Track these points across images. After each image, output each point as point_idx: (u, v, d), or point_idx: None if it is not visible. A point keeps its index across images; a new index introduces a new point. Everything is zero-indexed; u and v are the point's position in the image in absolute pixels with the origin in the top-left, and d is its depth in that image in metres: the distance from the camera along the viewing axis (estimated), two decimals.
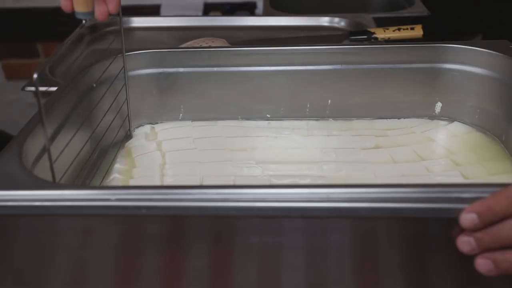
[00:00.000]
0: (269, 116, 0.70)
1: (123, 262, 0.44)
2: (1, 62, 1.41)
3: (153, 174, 0.60)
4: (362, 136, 0.66)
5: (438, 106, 0.69)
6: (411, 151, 0.63)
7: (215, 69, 0.67)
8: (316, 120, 0.70)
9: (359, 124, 0.69)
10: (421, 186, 0.39)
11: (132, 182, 0.59)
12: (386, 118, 0.69)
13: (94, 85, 0.52)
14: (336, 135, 0.67)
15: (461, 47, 0.65)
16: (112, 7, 0.52)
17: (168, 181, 0.59)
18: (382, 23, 0.92)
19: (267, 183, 0.58)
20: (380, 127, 0.68)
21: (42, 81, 0.75)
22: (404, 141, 0.65)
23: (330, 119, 0.70)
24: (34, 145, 0.49)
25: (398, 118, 0.69)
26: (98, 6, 0.51)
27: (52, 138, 0.53)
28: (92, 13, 0.51)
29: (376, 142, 0.65)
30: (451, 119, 0.69)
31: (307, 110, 0.69)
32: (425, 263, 0.42)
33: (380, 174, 0.59)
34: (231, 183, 0.59)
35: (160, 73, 0.67)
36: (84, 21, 0.52)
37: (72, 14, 0.50)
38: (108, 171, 0.62)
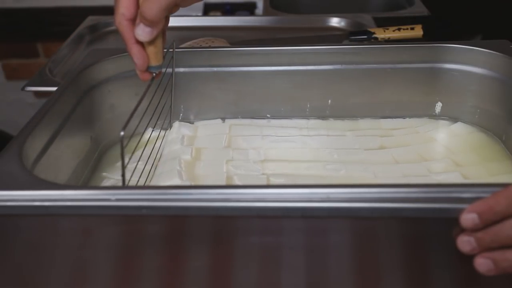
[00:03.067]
0: (269, 116, 0.70)
1: (123, 262, 0.44)
2: (1, 62, 1.41)
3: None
4: (367, 136, 0.66)
5: (438, 106, 0.69)
6: (414, 151, 0.63)
7: (215, 69, 0.67)
8: (324, 119, 0.69)
9: (364, 124, 0.69)
10: (421, 186, 0.39)
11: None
12: (388, 118, 0.69)
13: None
14: (341, 135, 0.66)
15: (461, 47, 0.65)
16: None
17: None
18: (382, 23, 0.92)
19: (266, 182, 0.58)
20: (386, 126, 0.68)
21: (42, 81, 0.75)
22: (408, 141, 0.65)
23: (332, 118, 0.70)
24: (34, 145, 0.49)
25: (403, 118, 0.69)
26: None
27: (52, 138, 0.53)
28: (161, 65, 0.52)
29: (381, 142, 0.65)
30: (454, 119, 0.68)
31: (307, 110, 0.69)
32: (425, 263, 0.42)
33: (380, 174, 0.59)
34: (231, 182, 0.59)
35: None
36: (154, 74, 0.53)
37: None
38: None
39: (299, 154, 0.63)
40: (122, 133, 0.43)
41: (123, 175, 0.45)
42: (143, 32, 0.48)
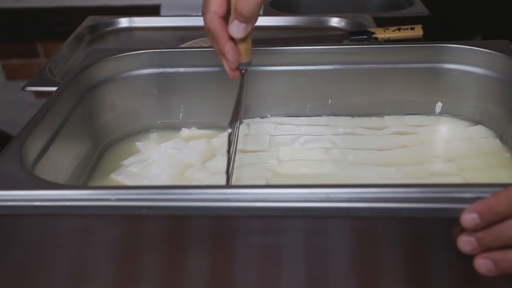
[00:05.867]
0: (269, 116, 0.70)
1: (123, 262, 0.44)
2: (1, 62, 1.41)
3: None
4: (391, 135, 0.66)
5: (438, 106, 0.69)
6: (425, 152, 0.63)
7: (215, 69, 0.67)
8: (352, 117, 0.69)
9: (390, 121, 0.68)
10: (421, 186, 0.39)
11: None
12: (414, 114, 0.69)
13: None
14: (365, 134, 0.66)
15: (461, 47, 0.65)
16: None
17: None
18: (382, 23, 0.92)
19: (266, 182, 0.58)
20: (411, 123, 0.68)
21: (42, 81, 0.75)
22: (426, 140, 0.65)
23: (360, 116, 0.70)
24: (34, 145, 0.49)
25: (428, 115, 0.69)
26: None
27: (52, 138, 0.53)
28: (251, 62, 0.53)
29: (402, 142, 0.65)
30: (475, 122, 0.68)
31: (307, 109, 0.69)
32: (425, 263, 0.42)
33: (383, 175, 0.59)
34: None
35: (160, 73, 0.67)
36: (243, 71, 0.53)
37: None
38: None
39: (316, 154, 0.63)
40: (229, 130, 0.44)
41: (227, 172, 0.45)
42: (238, 29, 0.49)
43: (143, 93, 0.68)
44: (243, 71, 0.53)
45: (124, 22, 1.02)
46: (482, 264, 0.36)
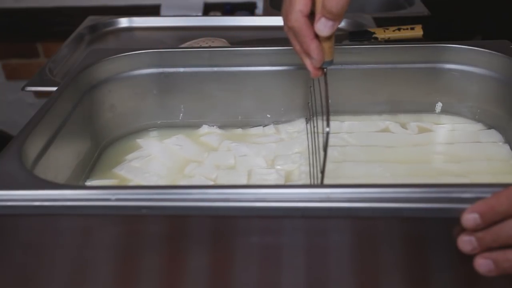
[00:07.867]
0: (269, 116, 0.70)
1: (123, 262, 0.44)
2: (1, 62, 1.41)
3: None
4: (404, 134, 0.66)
5: (439, 106, 0.69)
6: (428, 152, 0.63)
7: (215, 69, 0.67)
8: (367, 114, 0.69)
9: (409, 118, 0.68)
10: (421, 186, 0.39)
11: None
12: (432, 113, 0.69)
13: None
14: (378, 131, 0.67)
15: (461, 47, 0.65)
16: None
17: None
18: (382, 23, 0.92)
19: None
20: (431, 121, 0.68)
21: (42, 81, 0.75)
22: (431, 140, 0.65)
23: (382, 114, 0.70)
24: (34, 145, 0.49)
25: (445, 114, 0.69)
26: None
27: (52, 138, 0.53)
28: (333, 61, 0.52)
29: (413, 141, 0.65)
30: (489, 126, 0.67)
31: (308, 109, 0.69)
32: (426, 263, 0.42)
33: (387, 174, 0.59)
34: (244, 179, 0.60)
35: (160, 73, 0.67)
36: (325, 70, 0.53)
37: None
38: None
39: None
40: (327, 129, 0.44)
41: (322, 172, 0.45)
42: (325, 27, 0.48)
43: (143, 93, 0.68)
44: (325, 70, 0.53)
45: (124, 22, 1.02)
46: (483, 264, 0.36)
